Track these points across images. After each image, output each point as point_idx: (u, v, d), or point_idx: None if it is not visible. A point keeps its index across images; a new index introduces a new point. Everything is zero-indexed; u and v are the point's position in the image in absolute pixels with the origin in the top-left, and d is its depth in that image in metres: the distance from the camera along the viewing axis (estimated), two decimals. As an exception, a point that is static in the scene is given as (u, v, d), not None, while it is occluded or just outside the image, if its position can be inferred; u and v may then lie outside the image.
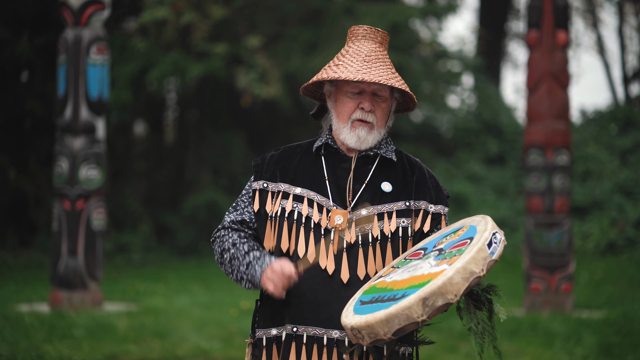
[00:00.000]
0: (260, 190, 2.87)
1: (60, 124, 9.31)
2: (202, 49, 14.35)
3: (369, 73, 2.77)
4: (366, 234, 2.78)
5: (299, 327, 2.75)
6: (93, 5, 9.27)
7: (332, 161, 2.86)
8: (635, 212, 14.15)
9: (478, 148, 16.95)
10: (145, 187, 16.81)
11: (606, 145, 15.77)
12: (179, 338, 7.85)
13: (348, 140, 2.82)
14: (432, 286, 2.42)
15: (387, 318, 2.44)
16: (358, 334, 2.51)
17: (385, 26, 14.85)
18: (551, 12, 9.63)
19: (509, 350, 7.49)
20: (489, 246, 2.52)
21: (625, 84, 20.39)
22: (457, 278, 2.43)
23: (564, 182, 9.59)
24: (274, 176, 2.87)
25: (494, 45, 20.01)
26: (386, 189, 2.83)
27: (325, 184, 2.83)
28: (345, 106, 2.82)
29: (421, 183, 2.88)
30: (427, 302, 2.42)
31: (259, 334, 2.83)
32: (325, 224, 2.78)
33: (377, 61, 2.81)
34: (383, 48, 2.86)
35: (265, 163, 2.91)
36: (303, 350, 2.74)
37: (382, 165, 2.87)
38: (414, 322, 2.43)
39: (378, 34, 2.86)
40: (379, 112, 2.83)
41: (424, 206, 2.85)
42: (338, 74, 2.78)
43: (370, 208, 2.80)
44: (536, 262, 9.48)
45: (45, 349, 7.04)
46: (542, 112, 9.61)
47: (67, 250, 9.20)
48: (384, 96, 2.83)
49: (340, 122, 2.84)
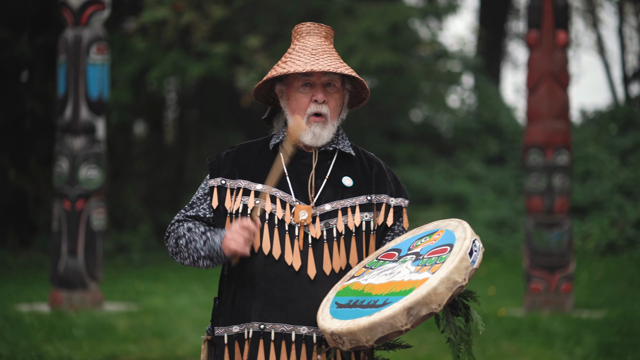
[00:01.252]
0: (219, 187, 2.85)
1: (60, 124, 9.32)
2: (202, 49, 14.35)
3: (317, 63, 2.77)
4: (330, 229, 2.78)
5: (267, 324, 2.74)
6: (93, 5, 9.27)
7: (292, 157, 2.86)
8: (635, 212, 14.14)
9: (478, 148, 16.95)
10: (145, 187, 16.81)
11: (606, 145, 15.76)
12: (179, 338, 7.85)
13: (304, 137, 2.82)
14: (416, 296, 2.43)
15: (371, 326, 2.44)
16: (338, 339, 2.51)
17: (385, 26, 14.87)
18: (551, 12, 9.63)
19: (509, 350, 7.48)
20: (470, 255, 2.52)
21: (625, 84, 20.39)
22: (441, 288, 2.44)
23: (564, 182, 9.59)
24: (232, 173, 2.85)
25: (494, 45, 20.00)
26: (347, 183, 2.84)
27: (286, 179, 2.82)
28: (299, 102, 2.82)
29: (381, 177, 2.89)
30: (411, 312, 2.43)
31: (219, 331, 2.80)
32: (290, 219, 2.77)
33: (323, 53, 2.82)
34: (329, 42, 2.87)
35: (221, 160, 2.89)
36: (271, 347, 2.73)
37: (341, 160, 2.88)
38: (397, 330, 2.44)
39: (322, 28, 2.88)
40: (332, 103, 2.83)
41: (385, 200, 2.87)
42: (286, 69, 2.79)
43: (334, 203, 2.80)
44: (536, 262, 9.48)
45: (45, 349, 7.04)
46: (542, 112, 9.60)
47: (67, 250, 9.20)
48: (336, 86, 2.83)
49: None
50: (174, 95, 17.89)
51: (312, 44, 2.84)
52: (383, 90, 16.84)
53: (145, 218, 15.47)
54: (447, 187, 15.98)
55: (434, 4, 18.86)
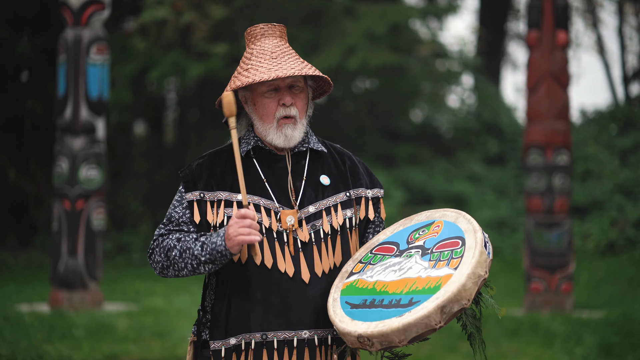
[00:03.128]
0: (198, 201, 2.78)
1: (60, 124, 9.32)
2: (202, 49, 14.35)
3: (281, 69, 2.74)
4: (318, 230, 2.77)
5: (268, 334, 2.72)
6: (93, 5, 9.27)
7: (266, 162, 2.83)
8: (635, 212, 14.15)
9: (478, 148, 16.95)
10: (145, 187, 16.81)
11: (606, 145, 15.77)
12: (179, 338, 7.85)
13: (276, 140, 2.79)
14: (448, 294, 2.46)
15: (405, 327, 2.47)
16: (367, 341, 2.52)
17: (385, 26, 14.86)
18: (551, 12, 9.63)
19: (509, 350, 7.48)
20: (485, 247, 2.56)
21: (625, 84, 20.39)
22: (469, 284, 2.48)
23: (564, 182, 9.59)
24: (209, 185, 2.79)
25: (494, 46, 20.00)
26: (325, 182, 2.83)
27: (266, 186, 2.79)
28: (266, 107, 2.79)
29: (354, 171, 2.89)
30: (444, 310, 2.46)
31: (215, 345, 2.75)
32: (277, 226, 2.74)
33: (283, 55, 2.79)
34: (284, 41, 2.85)
35: (194, 172, 2.81)
36: (275, 356, 2.72)
37: (314, 158, 2.87)
38: (432, 329, 2.48)
39: (275, 28, 2.85)
40: (300, 104, 2.81)
41: (362, 193, 2.86)
42: (251, 77, 2.74)
43: (317, 204, 2.79)
44: (536, 262, 9.48)
45: (45, 349, 7.04)
46: (542, 112, 9.61)
47: (67, 250, 9.20)
48: (300, 86, 2.82)
49: (266, 124, 2.80)
50: (174, 95, 17.89)
51: (269, 46, 2.80)
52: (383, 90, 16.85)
53: (145, 218, 15.46)
54: (447, 187, 15.98)
55: (434, 4, 18.86)
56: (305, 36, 15.13)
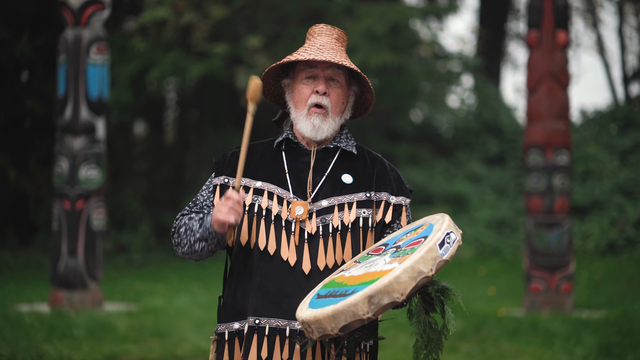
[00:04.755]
0: (221, 185, 2.88)
1: (60, 124, 9.32)
2: (202, 49, 14.35)
3: (321, 55, 2.80)
4: (327, 224, 2.79)
5: (262, 319, 2.75)
6: (93, 5, 9.27)
7: (293, 155, 2.88)
8: (635, 212, 14.15)
9: (478, 148, 16.95)
10: (145, 187, 16.82)
11: (606, 145, 15.77)
12: (179, 338, 7.85)
13: (303, 129, 2.84)
14: (378, 284, 2.44)
15: (334, 314, 2.46)
16: (308, 327, 2.52)
17: (386, 26, 14.86)
18: (551, 12, 9.63)
19: (509, 350, 7.49)
20: (440, 246, 2.52)
21: (625, 84, 20.39)
22: (404, 277, 2.44)
23: (564, 182, 9.59)
24: (235, 171, 2.87)
25: (494, 46, 20.01)
26: (347, 180, 2.85)
27: (286, 177, 2.84)
28: (301, 93, 2.85)
29: (382, 176, 2.90)
30: (372, 300, 2.43)
31: (221, 328, 2.83)
32: (286, 215, 2.79)
33: (330, 49, 2.84)
34: (340, 44, 2.90)
35: (226, 160, 2.92)
36: (265, 342, 2.73)
37: (343, 158, 2.89)
38: (359, 319, 2.45)
39: (334, 31, 2.91)
40: (334, 97, 2.84)
41: (385, 197, 2.87)
42: (289, 59, 2.82)
43: (331, 199, 2.81)
44: (536, 262, 9.48)
45: (45, 349, 7.04)
46: (542, 112, 9.60)
47: (67, 250, 9.20)
48: (339, 82, 2.85)
49: (298, 111, 2.86)
50: (174, 95, 17.89)
51: (321, 42, 2.88)
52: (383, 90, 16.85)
53: (145, 218, 15.47)
54: (447, 187, 15.99)
55: (434, 4, 18.86)
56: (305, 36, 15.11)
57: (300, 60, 2.80)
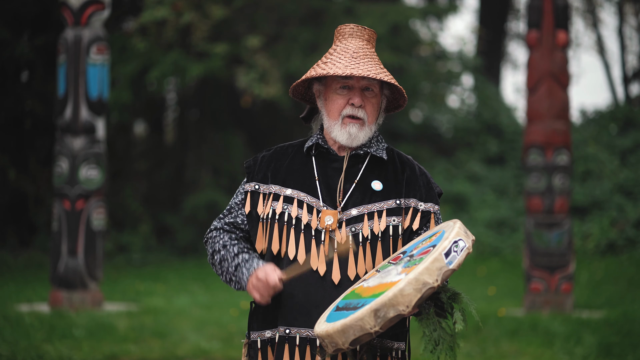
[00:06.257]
0: (252, 192, 2.86)
1: (60, 124, 9.31)
2: (202, 49, 14.35)
3: (357, 68, 2.75)
4: (356, 234, 2.76)
5: (292, 329, 2.74)
6: (93, 5, 9.27)
7: (323, 161, 2.84)
8: (635, 212, 14.15)
9: (478, 148, 16.95)
10: (145, 187, 16.82)
11: (606, 145, 15.76)
12: (179, 338, 7.85)
13: (339, 137, 2.80)
14: (384, 298, 2.43)
15: (343, 329, 2.45)
16: (323, 342, 2.52)
17: (386, 26, 14.86)
18: (551, 12, 9.63)
19: (509, 350, 7.48)
20: (446, 255, 2.49)
21: (625, 84, 20.39)
22: (408, 289, 2.43)
23: (564, 182, 9.59)
24: (266, 178, 2.85)
25: (494, 45, 20.00)
26: (376, 187, 2.81)
27: (316, 184, 2.81)
28: (335, 103, 2.81)
29: (412, 181, 2.85)
30: (378, 314, 2.42)
31: (253, 336, 2.83)
32: (316, 225, 2.76)
33: (364, 57, 2.80)
34: (371, 45, 2.85)
35: (257, 164, 2.89)
36: (296, 352, 2.72)
37: (373, 163, 2.85)
38: (367, 333, 2.44)
39: (365, 31, 2.85)
40: (369, 107, 2.81)
41: (413, 204, 2.83)
42: (326, 70, 2.77)
43: (361, 207, 2.78)
44: (536, 262, 9.48)
45: (45, 349, 7.04)
46: (542, 112, 9.60)
47: (67, 250, 9.20)
48: (374, 91, 2.82)
49: (331, 120, 2.82)
50: (174, 95, 17.89)
51: (353, 46, 2.82)
52: (383, 90, 16.82)
53: (145, 218, 15.47)
54: (447, 187, 15.98)
55: (434, 4, 18.86)
56: (305, 36, 15.13)
57: (338, 74, 2.75)
